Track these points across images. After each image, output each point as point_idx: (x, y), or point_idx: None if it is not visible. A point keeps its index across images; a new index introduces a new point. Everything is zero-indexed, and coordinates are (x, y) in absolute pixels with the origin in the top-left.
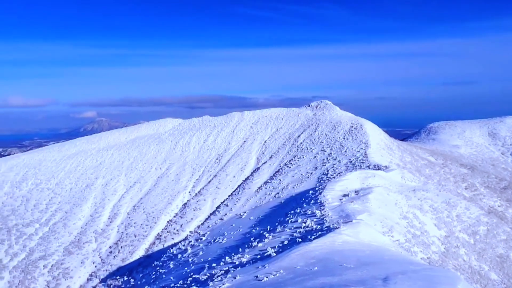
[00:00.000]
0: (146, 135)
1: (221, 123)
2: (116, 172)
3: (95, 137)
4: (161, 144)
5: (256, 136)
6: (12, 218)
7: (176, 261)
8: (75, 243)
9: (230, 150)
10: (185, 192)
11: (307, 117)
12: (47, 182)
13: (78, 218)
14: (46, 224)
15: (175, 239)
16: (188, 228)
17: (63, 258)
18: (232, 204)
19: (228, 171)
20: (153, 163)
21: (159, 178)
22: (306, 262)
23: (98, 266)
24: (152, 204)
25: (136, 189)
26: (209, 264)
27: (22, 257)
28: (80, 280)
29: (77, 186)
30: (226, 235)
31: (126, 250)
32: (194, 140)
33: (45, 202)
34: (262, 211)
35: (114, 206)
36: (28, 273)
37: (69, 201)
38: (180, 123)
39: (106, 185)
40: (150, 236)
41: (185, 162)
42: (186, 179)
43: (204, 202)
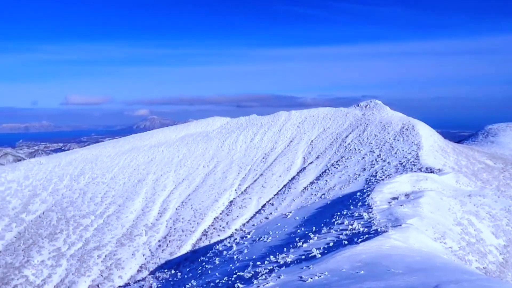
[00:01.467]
0: (195, 133)
1: (268, 122)
2: (166, 168)
3: (147, 134)
4: (209, 142)
5: (303, 135)
6: (70, 210)
7: (221, 257)
8: (127, 236)
9: (277, 149)
10: (231, 190)
11: (355, 117)
12: (102, 176)
13: (130, 211)
14: (101, 216)
15: (221, 236)
16: (233, 226)
17: (115, 249)
18: (277, 204)
19: (274, 170)
20: (201, 161)
21: (207, 175)
22: (352, 265)
23: (148, 259)
24: (199, 201)
25: (185, 185)
26: (254, 262)
27: (78, 246)
28: (131, 271)
29: (129, 181)
30: (271, 234)
31: (174, 245)
32: (241, 139)
33: (100, 196)
34: (308, 211)
35: (164, 201)
36: (84, 261)
37: (122, 195)
38: (227, 122)
39: (157, 180)
40: (197, 232)
41: (232, 160)
42: (233, 177)
43: (249, 201)
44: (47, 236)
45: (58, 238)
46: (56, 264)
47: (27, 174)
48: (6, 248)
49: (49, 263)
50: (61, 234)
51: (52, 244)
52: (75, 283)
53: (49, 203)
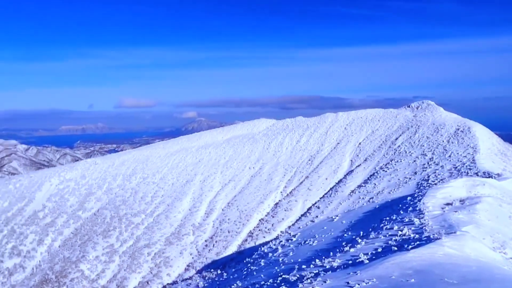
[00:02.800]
0: (241, 135)
1: (314, 124)
2: (213, 169)
3: (195, 136)
4: (255, 144)
5: (350, 138)
6: (123, 208)
7: (266, 259)
8: (175, 235)
9: (323, 151)
10: (277, 192)
11: (406, 118)
12: (152, 176)
13: (178, 211)
14: (151, 215)
15: (266, 238)
16: (279, 228)
17: (164, 247)
18: (323, 207)
19: (320, 172)
20: (247, 162)
21: (252, 177)
22: (402, 273)
23: (195, 258)
24: (245, 202)
25: (231, 186)
26: (299, 265)
27: (130, 243)
28: (179, 270)
29: (178, 181)
30: (317, 238)
31: (220, 245)
32: (287, 141)
33: (150, 195)
34: (355, 215)
35: (211, 202)
36: (135, 258)
37: (171, 195)
38: (273, 124)
39: (204, 181)
40: (243, 233)
41: (277, 162)
42: (278, 179)
43: (295, 203)
44: (101, 233)
45: (111, 235)
46: (109, 260)
47: (83, 173)
48: (64, 243)
49: (103, 259)
50: (114, 232)
51: (105, 240)
52: (127, 279)
53: (103, 201)
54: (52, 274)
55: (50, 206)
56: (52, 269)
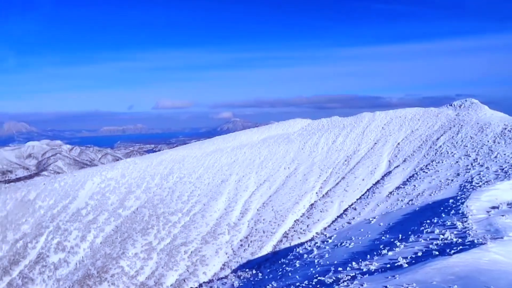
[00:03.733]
0: (276, 135)
1: (351, 123)
2: (248, 169)
3: (230, 136)
4: (290, 144)
5: (388, 137)
6: (161, 207)
7: (302, 260)
8: (211, 234)
9: (360, 152)
10: (312, 193)
11: (448, 117)
12: (189, 176)
13: (214, 210)
14: (187, 214)
15: (301, 239)
16: (314, 229)
17: (200, 246)
18: (360, 208)
19: (357, 173)
20: (282, 163)
21: (287, 177)
22: (443, 278)
23: (230, 257)
24: (280, 203)
25: (266, 187)
26: (335, 267)
27: (167, 241)
28: (215, 268)
29: (214, 181)
30: (353, 240)
31: (255, 245)
32: (323, 141)
33: (187, 194)
34: (394, 217)
35: (246, 202)
36: (172, 256)
37: (207, 195)
38: (308, 124)
39: (239, 181)
40: (278, 234)
41: (313, 162)
42: (314, 180)
43: (331, 204)
44: (140, 231)
45: (149, 233)
46: (148, 257)
47: (123, 172)
48: (105, 240)
49: (142, 256)
50: (152, 230)
51: (144, 238)
52: (164, 276)
53: (142, 200)
54: (94, 269)
55: (92, 204)
56: (94, 265)
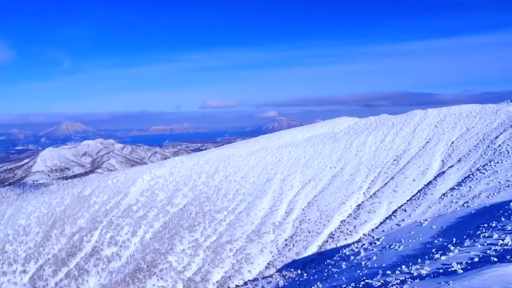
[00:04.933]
0: (321, 134)
1: (401, 121)
2: (293, 168)
3: (275, 135)
4: (336, 143)
5: (442, 136)
6: (207, 204)
7: (348, 262)
8: (256, 232)
9: (410, 151)
10: (359, 193)
11: (508, 114)
12: (234, 174)
13: (259, 209)
14: (233, 212)
15: (348, 240)
16: (361, 230)
17: (245, 244)
18: (411, 210)
19: (407, 173)
20: (328, 162)
21: (333, 177)
22: (503, 287)
23: (275, 257)
24: (325, 203)
25: (311, 186)
26: (383, 270)
27: (213, 239)
28: (259, 267)
29: (258, 180)
30: (403, 243)
31: (300, 245)
32: (370, 140)
33: (232, 193)
34: (447, 220)
35: (290, 201)
36: (218, 254)
37: (252, 193)
38: (355, 122)
39: (284, 180)
40: (323, 234)
41: (360, 162)
42: (361, 180)
43: (379, 205)
44: (187, 228)
45: (196, 230)
46: (194, 254)
47: (171, 171)
48: (154, 235)
49: (189, 252)
50: (198, 227)
51: (191, 235)
52: (210, 272)
53: (189, 197)
54: (144, 263)
55: (142, 201)
56: (144, 259)
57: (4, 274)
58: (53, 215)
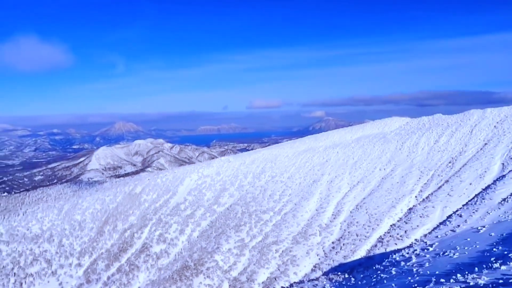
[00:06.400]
0: (371, 134)
1: (456, 122)
2: (340, 170)
3: (322, 136)
4: (386, 144)
5: (502, 137)
6: (253, 205)
7: (398, 268)
8: (302, 234)
9: (467, 153)
10: (410, 196)
11: None
12: (280, 175)
13: (305, 211)
14: (279, 213)
15: (398, 245)
16: (413, 235)
17: (291, 246)
18: (467, 215)
19: (463, 177)
20: (377, 163)
21: (383, 179)
22: None
23: (322, 259)
24: (375, 205)
25: (360, 188)
26: (437, 278)
27: (259, 239)
28: (305, 269)
29: (305, 180)
30: (458, 250)
31: (347, 248)
32: (423, 141)
33: (278, 193)
34: (508, 227)
35: (338, 203)
36: (263, 254)
37: (298, 194)
38: (407, 122)
39: (331, 182)
40: (372, 238)
41: (411, 164)
42: (413, 183)
43: (432, 209)
44: (233, 227)
45: (242, 230)
46: (240, 254)
47: (218, 170)
48: (202, 234)
49: (235, 252)
50: (244, 227)
51: (237, 234)
52: (256, 273)
53: (235, 197)
54: (191, 261)
55: (190, 199)
56: (191, 257)
57: (61, 267)
58: (106, 211)
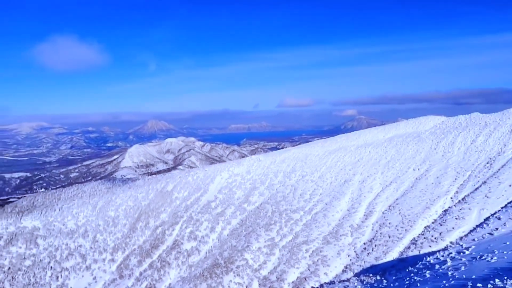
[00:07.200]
0: (404, 134)
1: (495, 121)
2: (372, 169)
3: (354, 135)
4: (421, 144)
5: None
6: (283, 204)
7: (433, 271)
8: (333, 234)
9: (506, 153)
10: (446, 198)
11: None
12: (311, 174)
13: (336, 211)
14: (309, 213)
15: (432, 247)
16: (448, 238)
17: (322, 246)
18: (506, 218)
19: (502, 178)
20: (411, 163)
21: (417, 179)
22: None
23: (353, 260)
24: (408, 206)
25: (392, 188)
26: (473, 283)
27: (289, 239)
28: (336, 270)
29: (336, 180)
30: (496, 254)
31: (379, 249)
32: (459, 140)
33: (309, 193)
34: None
35: (370, 203)
36: (293, 254)
37: (329, 194)
38: (443, 121)
39: (363, 182)
40: (405, 240)
41: (447, 164)
42: (448, 183)
43: (469, 211)
44: (263, 226)
45: (272, 229)
46: (270, 253)
47: (248, 169)
48: (232, 232)
49: (265, 251)
50: (274, 226)
51: (267, 233)
52: (286, 272)
53: (265, 196)
54: (221, 259)
55: (220, 198)
56: (221, 255)
57: (95, 262)
58: (138, 208)
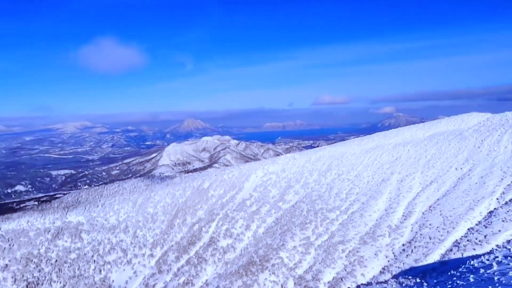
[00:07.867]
0: (445, 131)
1: None
2: (412, 168)
3: (392, 133)
4: (463, 142)
5: None
6: (318, 203)
7: (477, 275)
8: (370, 235)
9: None
10: (491, 199)
11: None
12: (347, 173)
13: (374, 210)
14: (345, 212)
15: (476, 250)
16: (494, 241)
17: (358, 246)
18: None
19: None
20: (453, 162)
21: (460, 179)
22: None
23: (391, 262)
24: (450, 207)
25: (433, 188)
26: None
27: (325, 238)
28: (373, 271)
29: (373, 179)
30: None
31: (419, 251)
32: (506, 138)
33: (345, 192)
34: None
35: (409, 203)
36: (329, 253)
37: (366, 193)
38: (487, 118)
39: (402, 181)
40: (447, 242)
41: (492, 163)
42: (494, 184)
43: None
44: (299, 225)
45: (307, 228)
46: (306, 252)
47: (283, 167)
48: (267, 230)
49: (300, 250)
50: (310, 225)
51: (302, 232)
52: (321, 272)
53: (300, 194)
54: (256, 257)
55: (255, 196)
56: (256, 253)
57: (135, 256)
58: (176, 205)
